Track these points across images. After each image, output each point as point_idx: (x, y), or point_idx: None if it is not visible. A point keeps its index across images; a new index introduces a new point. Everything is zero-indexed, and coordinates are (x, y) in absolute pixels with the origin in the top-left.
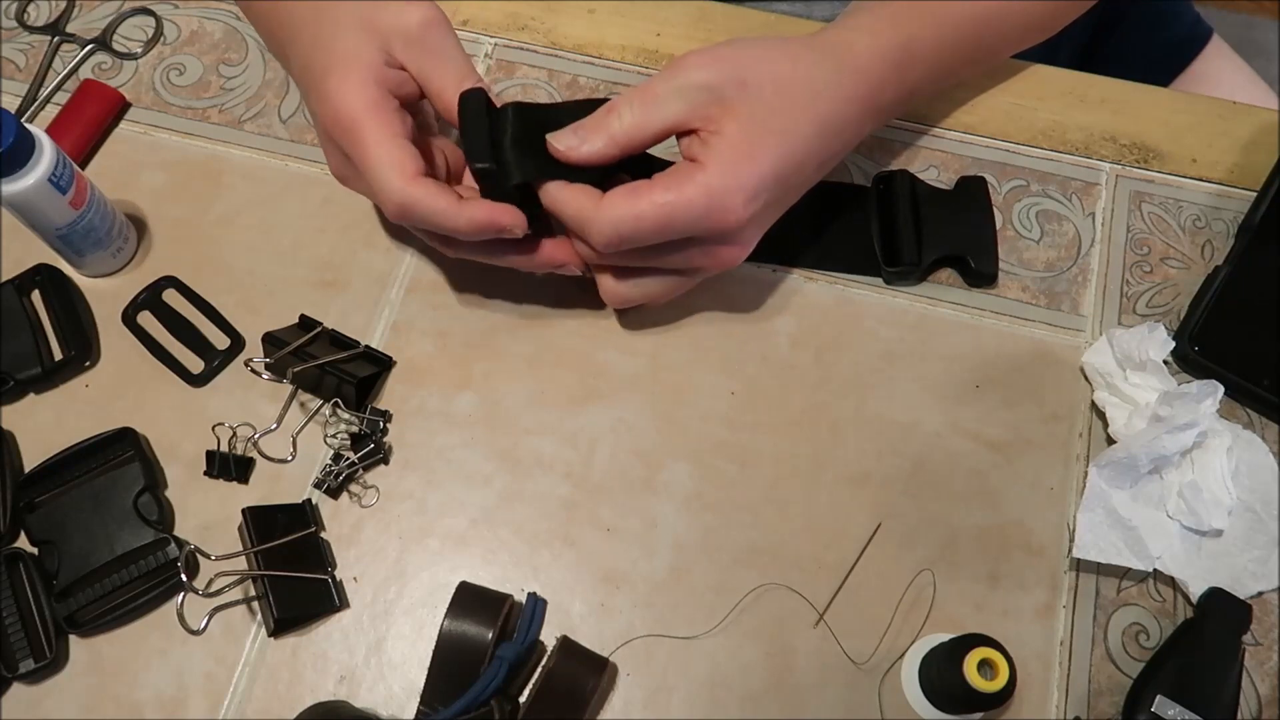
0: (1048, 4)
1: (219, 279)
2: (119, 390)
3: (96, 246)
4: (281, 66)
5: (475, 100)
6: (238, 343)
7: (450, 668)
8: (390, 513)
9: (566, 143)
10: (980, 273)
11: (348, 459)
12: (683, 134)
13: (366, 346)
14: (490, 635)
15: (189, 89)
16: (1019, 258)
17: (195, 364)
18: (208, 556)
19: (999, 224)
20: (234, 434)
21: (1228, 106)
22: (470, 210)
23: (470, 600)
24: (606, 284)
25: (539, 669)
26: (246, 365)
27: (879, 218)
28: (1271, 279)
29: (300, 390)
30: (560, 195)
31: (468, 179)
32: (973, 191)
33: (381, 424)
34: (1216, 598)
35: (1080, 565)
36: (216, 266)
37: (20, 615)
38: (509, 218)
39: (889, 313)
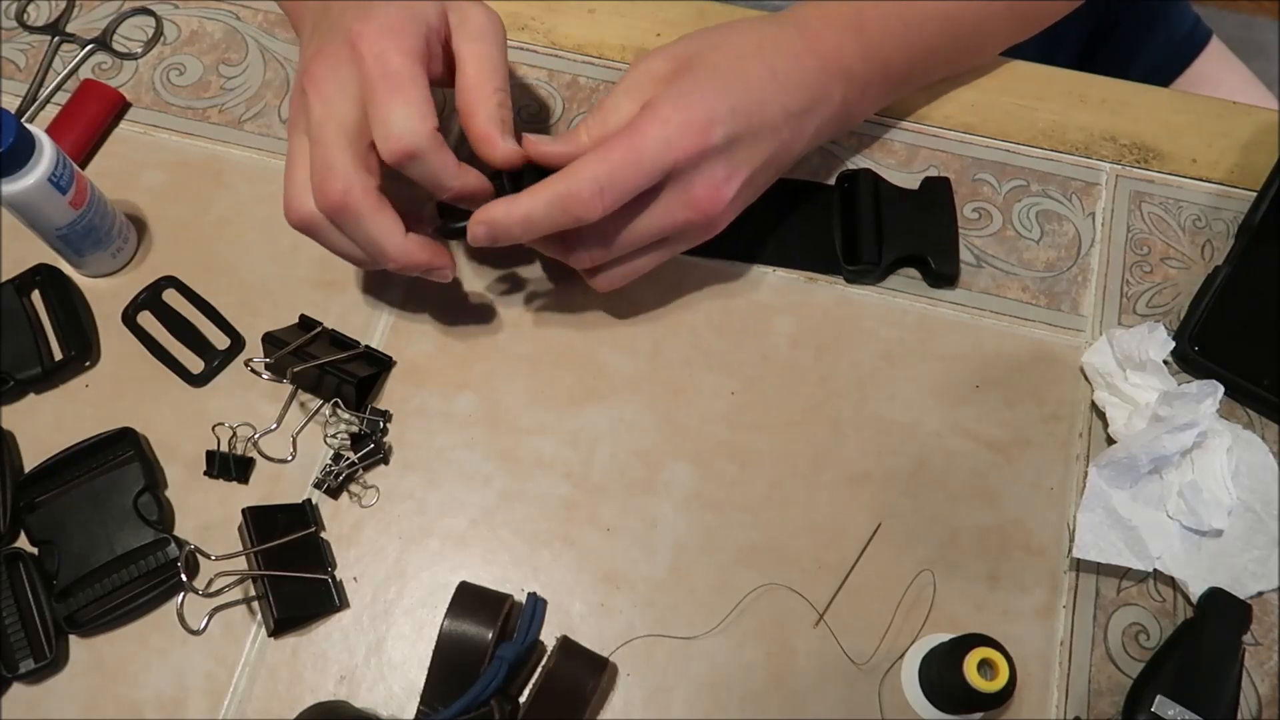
0: None
1: (219, 279)
2: (119, 390)
3: (96, 246)
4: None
5: None
6: (238, 343)
7: (450, 668)
8: (390, 513)
9: (549, 145)
10: (940, 273)
11: (348, 459)
12: None
13: (366, 346)
14: (490, 635)
15: (189, 89)
16: (1019, 258)
17: (195, 364)
18: (208, 556)
19: (999, 224)
20: (234, 434)
21: (1228, 106)
22: (465, 175)
23: (470, 600)
24: (596, 278)
25: (539, 669)
26: (246, 365)
27: (841, 216)
28: (1271, 279)
29: (300, 390)
30: (532, 197)
31: None
32: (936, 192)
33: (381, 424)
34: (1216, 598)
35: (1080, 565)
36: (216, 266)
37: (20, 615)
38: (484, 185)
39: (889, 313)
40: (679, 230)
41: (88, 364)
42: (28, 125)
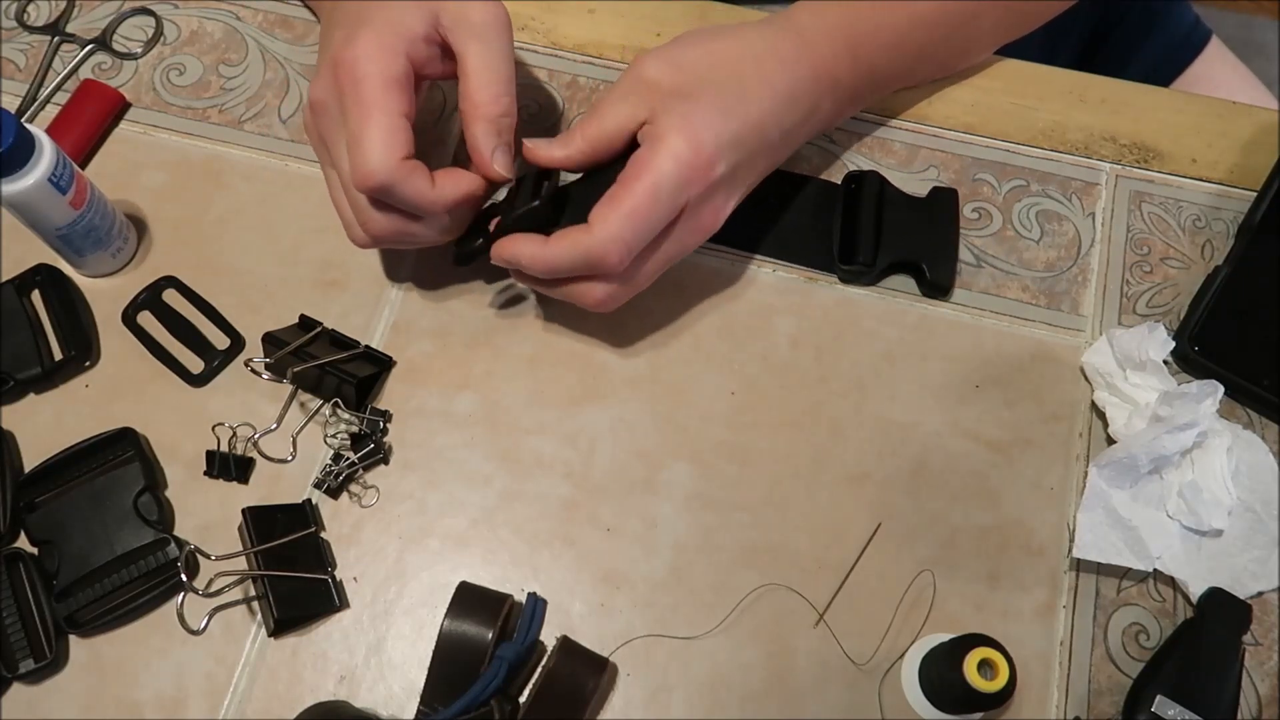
0: None
1: (219, 279)
2: (119, 390)
3: (96, 246)
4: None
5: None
6: (238, 343)
7: (450, 668)
8: (390, 513)
9: (545, 150)
10: (934, 283)
11: (348, 459)
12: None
13: (366, 346)
14: (490, 635)
15: (189, 89)
16: (1019, 258)
17: (195, 364)
18: (208, 556)
19: (999, 224)
20: (234, 434)
21: (1228, 106)
22: (442, 193)
23: (470, 600)
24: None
25: (539, 669)
26: (246, 365)
27: (843, 216)
28: (1271, 279)
29: (300, 390)
30: (558, 248)
31: None
32: (942, 202)
33: (381, 424)
34: (1216, 598)
35: (1080, 565)
36: (216, 266)
37: (20, 615)
38: (475, 185)
39: (889, 313)
40: (685, 252)
41: (88, 364)
42: (28, 125)
